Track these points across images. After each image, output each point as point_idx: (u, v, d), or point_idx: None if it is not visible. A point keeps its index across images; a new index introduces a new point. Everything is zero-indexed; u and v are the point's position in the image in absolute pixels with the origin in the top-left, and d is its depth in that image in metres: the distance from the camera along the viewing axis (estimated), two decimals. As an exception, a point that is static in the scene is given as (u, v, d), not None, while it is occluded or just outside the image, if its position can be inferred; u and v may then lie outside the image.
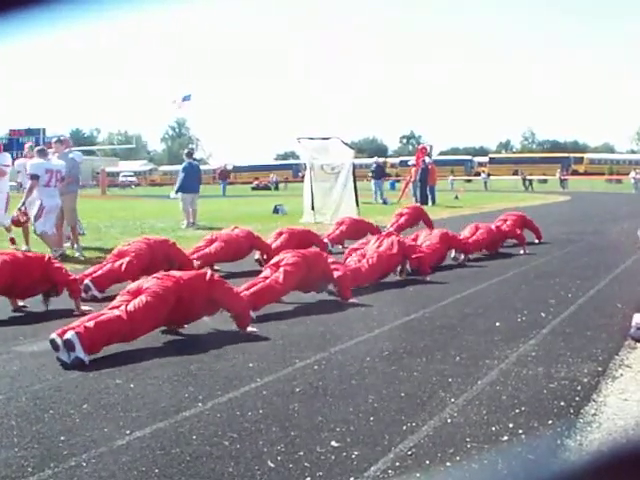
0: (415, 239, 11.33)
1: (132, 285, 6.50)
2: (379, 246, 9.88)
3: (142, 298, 6.05)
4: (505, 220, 14.30)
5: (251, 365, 5.46)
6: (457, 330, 6.69)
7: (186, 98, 54.23)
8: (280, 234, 12.12)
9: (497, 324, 6.87)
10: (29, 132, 52.88)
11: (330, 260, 8.44)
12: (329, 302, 8.11)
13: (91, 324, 5.67)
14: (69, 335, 5.48)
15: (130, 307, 5.97)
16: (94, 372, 5.26)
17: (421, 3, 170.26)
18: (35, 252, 9.77)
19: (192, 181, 19.68)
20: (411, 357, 5.69)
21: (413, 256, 9.96)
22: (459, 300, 8.30)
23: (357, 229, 13.73)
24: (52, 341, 5.57)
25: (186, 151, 21.32)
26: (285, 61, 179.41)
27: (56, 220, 12.14)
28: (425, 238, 11.42)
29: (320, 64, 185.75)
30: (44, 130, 53.51)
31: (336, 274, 8.16)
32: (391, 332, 6.63)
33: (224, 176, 50.24)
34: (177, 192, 19.51)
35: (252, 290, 7.39)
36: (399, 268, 10.08)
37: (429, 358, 5.65)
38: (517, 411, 4.37)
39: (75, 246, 12.63)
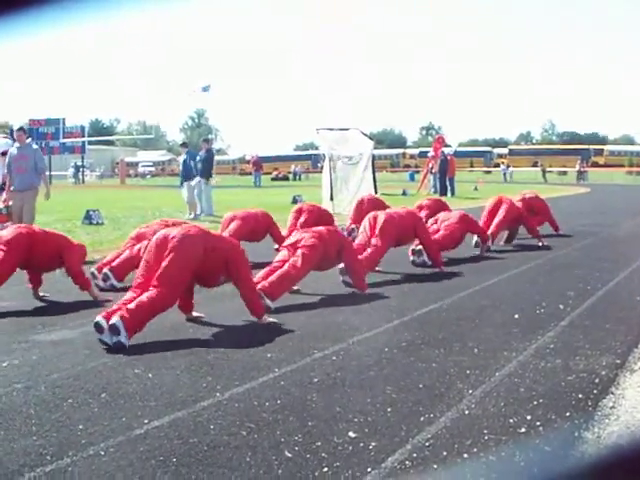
0: (435, 222, 11.35)
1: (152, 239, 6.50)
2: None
3: (170, 257, 6.11)
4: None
5: (269, 355, 5.47)
6: (475, 322, 6.67)
7: (205, 89, 54.10)
8: (300, 212, 12.22)
9: (515, 316, 6.85)
10: (49, 122, 53.13)
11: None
12: (347, 293, 8.12)
13: (133, 306, 5.84)
14: (114, 320, 5.65)
15: (162, 272, 6.06)
16: (112, 362, 5.30)
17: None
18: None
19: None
20: (429, 348, 5.68)
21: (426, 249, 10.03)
22: (477, 292, 8.27)
23: (376, 207, 13.49)
24: (97, 323, 5.74)
25: (185, 143, 21.09)
26: (304, 52, 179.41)
27: None
28: (444, 218, 11.43)
29: (340, 54, 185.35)
30: (64, 120, 53.75)
31: (349, 265, 8.20)
32: (409, 323, 6.62)
33: (258, 167, 50.67)
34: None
35: (270, 279, 7.38)
36: (415, 249, 10.15)
37: (447, 350, 5.64)
38: (535, 403, 4.35)
39: None
